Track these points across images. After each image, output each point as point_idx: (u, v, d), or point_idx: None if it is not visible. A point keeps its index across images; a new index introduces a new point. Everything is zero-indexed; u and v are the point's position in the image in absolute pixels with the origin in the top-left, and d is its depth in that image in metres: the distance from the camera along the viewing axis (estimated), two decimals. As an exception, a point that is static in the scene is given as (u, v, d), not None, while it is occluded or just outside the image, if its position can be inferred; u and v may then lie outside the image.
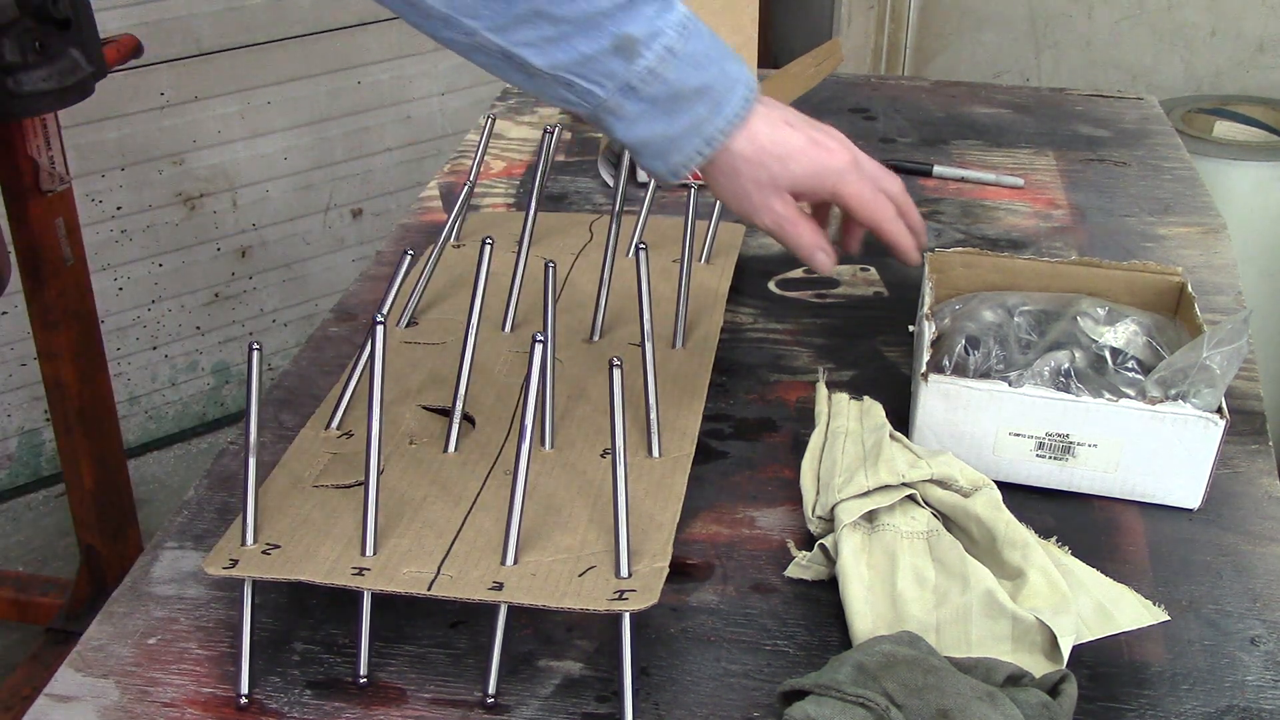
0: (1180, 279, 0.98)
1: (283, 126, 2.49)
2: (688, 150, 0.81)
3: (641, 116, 0.79)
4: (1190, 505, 0.87)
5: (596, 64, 0.77)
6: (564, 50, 0.77)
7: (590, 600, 0.71)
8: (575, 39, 0.76)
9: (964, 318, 0.95)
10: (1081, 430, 0.86)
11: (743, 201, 0.85)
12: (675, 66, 0.78)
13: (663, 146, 0.81)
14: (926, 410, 0.88)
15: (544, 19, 0.75)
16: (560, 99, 0.80)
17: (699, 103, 0.80)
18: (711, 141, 0.81)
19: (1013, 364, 0.91)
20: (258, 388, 0.75)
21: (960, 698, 0.64)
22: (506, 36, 0.76)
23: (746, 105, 0.81)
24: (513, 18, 0.75)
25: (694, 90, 0.79)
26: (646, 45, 0.77)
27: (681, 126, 0.80)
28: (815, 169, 0.84)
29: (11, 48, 1.41)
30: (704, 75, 0.79)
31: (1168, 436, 0.85)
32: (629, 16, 0.76)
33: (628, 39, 0.76)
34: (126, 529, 1.84)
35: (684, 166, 0.82)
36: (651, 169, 0.83)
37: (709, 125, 0.81)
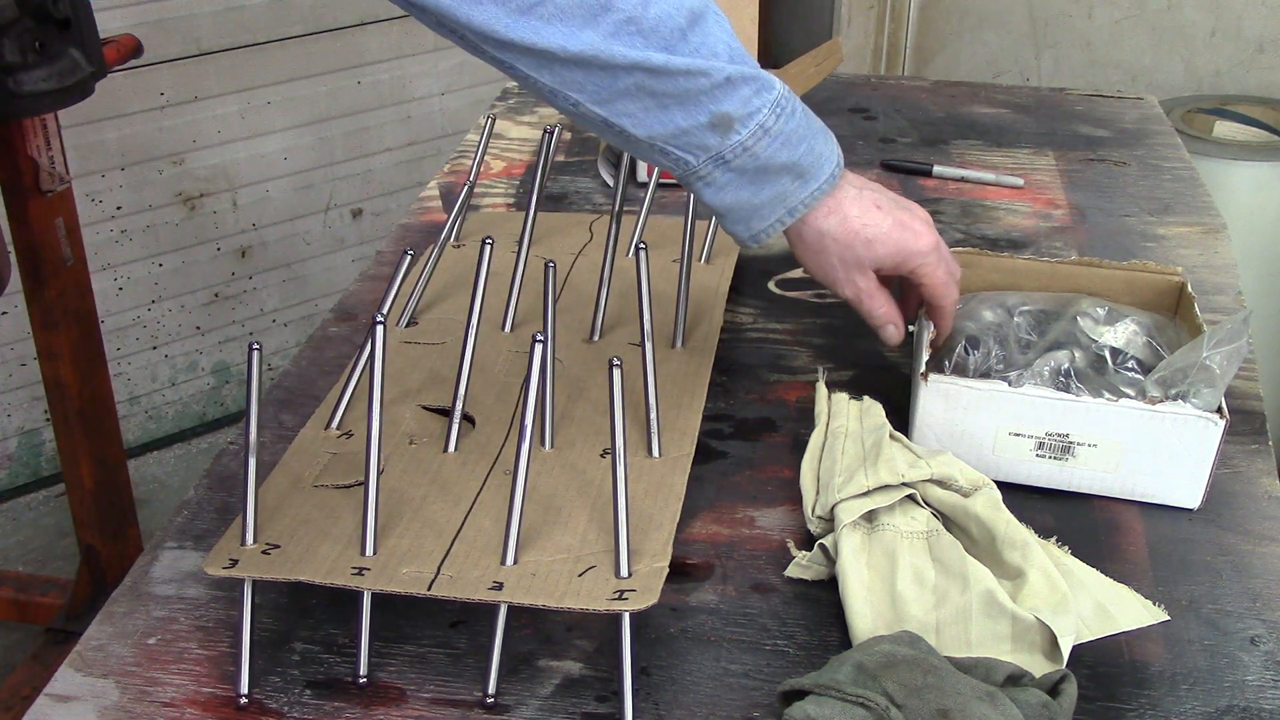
0: (1180, 279, 0.98)
1: (283, 126, 2.49)
2: (770, 219, 0.85)
3: (730, 185, 0.83)
4: (1190, 505, 0.87)
5: (691, 136, 0.81)
6: (661, 124, 0.80)
7: (590, 600, 0.71)
8: (673, 113, 0.80)
9: (964, 318, 0.95)
10: (1081, 430, 0.86)
11: (828, 273, 0.89)
12: (767, 143, 0.81)
13: (747, 213, 0.85)
14: (926, 410, 0.88)
15: (646, 94, 0.79)
16: (654, 162, 0.84)
17: (786, 176, 0.83)
18: (794, 212, 0.85)
19: (1013, 364, 0.91)
20: (258, 388, 0.75)
21: (960, 697, 0.64)
22: (608, 109, 0.80)
23: (832, 181, 0.85)
24: (615, 92, 0.79)
25: (782, 165, 0.83)
26: (742, 123, 0.80)
27: (767, 196, 0.84)
28: (899, 252, 0.87)
29: (11, 48, 1.41)
30: (794, 152, 0.82)
31: (1167, 436, 0.85)
32: (727, 96, 0.79)
33: (724, 116, 0.80)
34: (126, 529, 1.84)
35: (765, 233, 0.86)
36: (734, 233, 0.87)
37: (793, 197, 0.84)
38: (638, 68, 0.77)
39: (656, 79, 0.78)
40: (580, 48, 0.76)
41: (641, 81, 0.78)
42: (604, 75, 0.78)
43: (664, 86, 0.78)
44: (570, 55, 0.76)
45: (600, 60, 0.77)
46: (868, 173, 1.40)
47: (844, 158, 0.86)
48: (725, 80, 0.79)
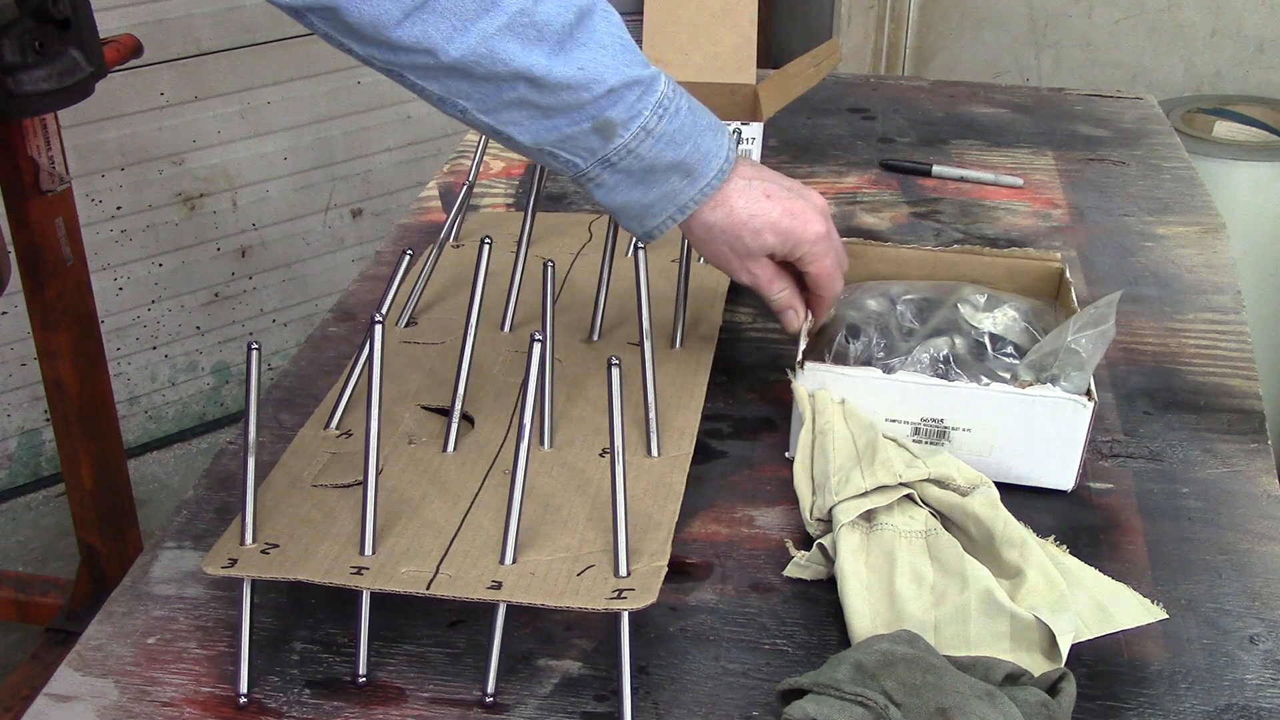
0: (1059, 265, 1.00)
1: (283, 126, 2.49)
2: (662, 216, 0.87)
3: (619, 186, 0.85)
4: (1064, 487, 0.88)
5: (577, 141, 0.83)
6: (546, 130, 0.82)
7: (589, 599, 0.71)
8: (557, 120, 0.82)
9: (847, 306, 0.97)
10: (955, 415, 0.87)
11: (722, 263, 0.91)
12: (650, 145, 0.83)
13: (638, 212, 0.87)
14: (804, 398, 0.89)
15: (530, 105, 0.81)
16: (544, 164, 0.86)
17: (673, 175, 0.85)
18: (684, 209, 0.87)
19: (895, 351, 0.93)
20: (257, 388, 0.75)
21: (959, 696, 0.64)
22: (494, 117, 0.82)
23: (721, 177, 0.86)
24: (500, 103, 0.81)
25: (667, 165, 0.84)
26: (624, 127, 0.82)
27: (656, 195, 0.86)
28: (787, 239, 0.89)
29: (11, 48, 1.41)
30: (678, 152, 0.84)
31: (1039, 420, 0.86)
32: (610, 104, 0.81)
33: (607, 121, 0.81)
34: (126, 529, 1.84)
35: (658, 230, 0.88)
36: (629, 229, 0.89)
37: (683, 195, 0.86)
38: (520, 78, 0.79)
39: (539, 92, 0.79)
40: (462, 51, 0.77)
41: (525, 94, 0.80)
42: (488, 85, 0.79)
43: (547, 100, 0.80)
44: (453, 61, 0.78)
45: (482, 67, 0.78)
46: (866, 173, 1.41)
47: (845, 156, 0.87)
48: (607, 92, 0.80)
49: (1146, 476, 0.91)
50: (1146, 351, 1.07)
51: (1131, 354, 1.06)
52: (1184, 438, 0.95)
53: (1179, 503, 0.88)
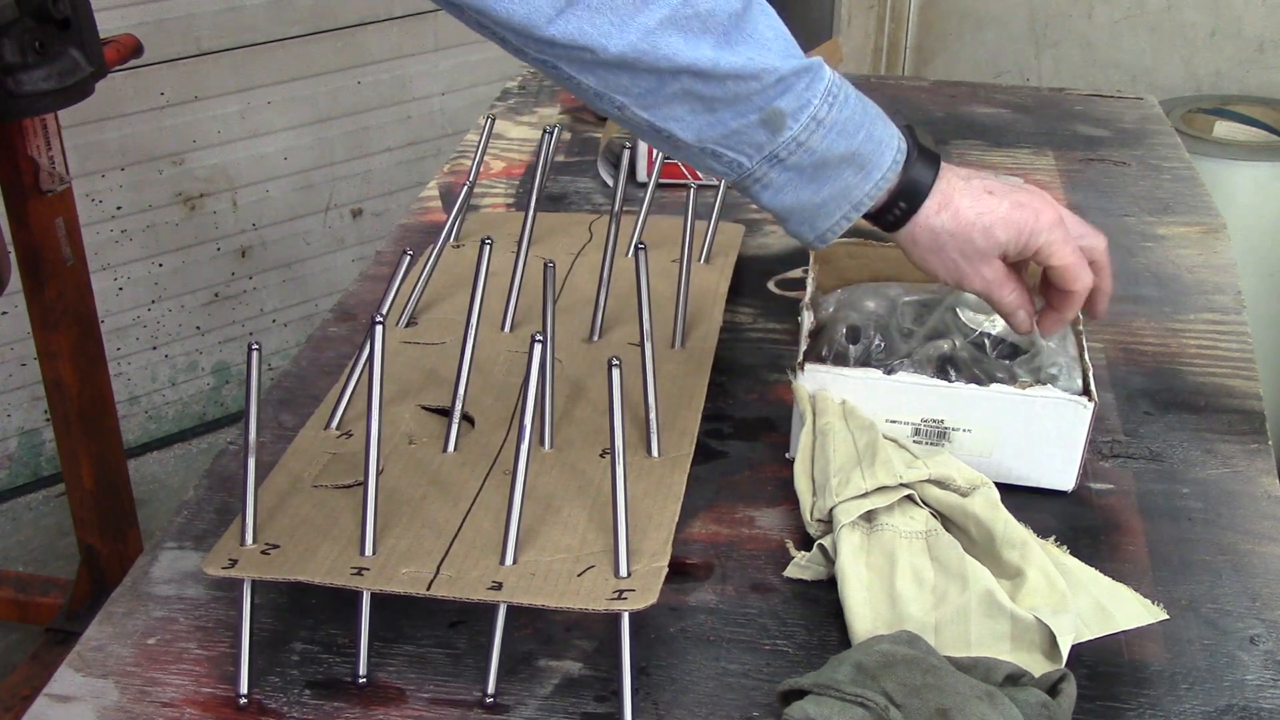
0: None
1: (283, 126, 2.49)
2: (835, 216, 0.81)
3: (788, 185, 0.79)
4: (1065, 488, 0.88)
5: (742, 136, 0.77)
6: (710, 126, 0.77)
7: (589, 600, 0.71)
8: (722, 114, 0.76)
9: (847, 307, 0.96)
10: (955, 415, 0.87)
11: (951, 271, 0.84)
12: (821, 136, 0.77)
13: (809, 213, 0.81)
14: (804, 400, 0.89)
15: (694, 98, 0.76)
16: (706, 167, 0.80)
17: (846, 169, 0.79)
18: (859, 206, 0.80)
19: (894, 352, 0.93)
20: (257, 388, 0.75)
21: (959, 697, 0.64)
22: (655, 113, 0.77)
23: (895, 169, 0.80)
24: (662, 97, 0.76)
25: (840, 158, 0.78)
26: (793, 118, 0.76)
27: (828, 193, 0.80)
28: (1020, 233, 0.82)
29: (11, 48, 1.41)
30: (851, 142, 0.78)
31: (1039, 420, 0.86)
32: (779, 92, 0.76)
33: (775, 112, 0.76)
34: (126, 529, 1.84)
35: (831, 232, 0.82)
36: (798, 235, 0.83)
37: (857, 190, 0.80)
38: (685, 72, 0.74)
39: (705, 83, 0.75)
40: (623, 47, 0.73)
41: (689, 86, 0.75)
42: (650, 78, 0.75)
43: (713, 91, 0.75)
44: (613, 57, 0.73)
45: (645, 62, 0.74)
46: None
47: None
48: (777, 80, 0.75)
49: (1147, 477, 0.91)
50: (1147, 352, 1.07)
51: (1132, 354, 1.06)
52: (1184, 438, 0.95)
53: (1179, 503, 0.88)
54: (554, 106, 1.61)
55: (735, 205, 1.29)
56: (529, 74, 1.72)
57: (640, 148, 1.32)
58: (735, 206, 1.29)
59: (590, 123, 1.54)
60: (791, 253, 1.22)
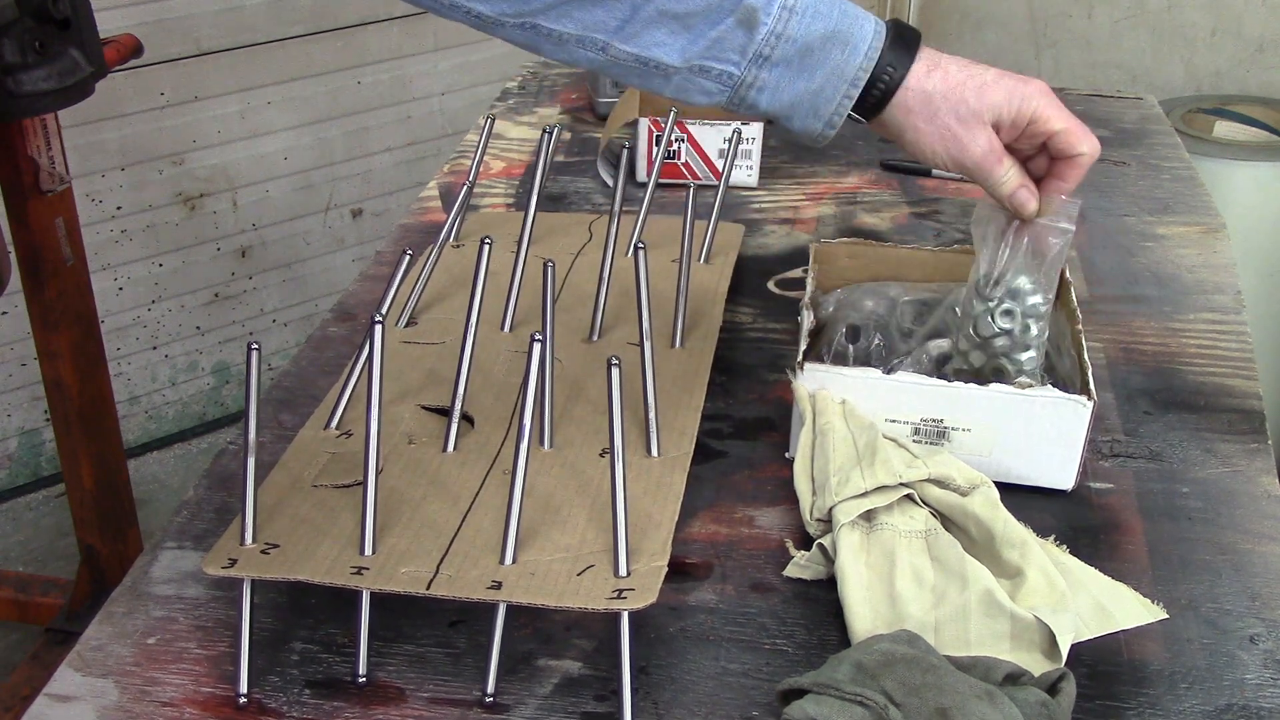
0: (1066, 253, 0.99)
1: (283, 126, 2.49)
2: (835, 98, 0.80)
3: (781, 81, 0.79)
4: (1064, 487, 0.88)
5: (724, 43, 0.78)
6: (692, 41, 0.78)
7: (589, 599, 0.71)
8: (700, 26, 0.77)
9: (846, 307, 0.97)
10: (954, 415, 0.87)
11: (948, 142, 0.82)
12: (796, 21, 0.78)
13: (810, 103, 0.80)
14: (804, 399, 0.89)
15: (669, 18, 0.77)
16: (700, 90, 0.80)
17: (832, 49, 0.79)
18: (856, 82, 0.80)
19: (894, 352, 0.93)
20: (257, 388, 0.75)
21: (959, 696, 0.64)
22: (637, 43, 0.78)
23: (879, 36, 0.80)
24: (640, 23, 0.77)
25: (822, 39, 0.78)
26: (765, 11, 0.77)
27: (822, 78, 0.80)
28: (1013, 94, 0.81)
29: (11, 48, 1.41)
30: (827, 22, 0.78)
31: (1038, 419, 0.86)
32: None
33: (748, 9, 0.77)
34: (126, 529, 1.84)
35: (837, 115, 0.81)
36: (806, 129, 0.82)
37: (848, 67, 0.80)
38: None
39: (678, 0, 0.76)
40: None
41: (662, 4, 0.76)
42: (623, 6, 0.76)
43: (685, 5, 0.76)
44: None
45: None
46: (867, 173, 1.40)
47: (846, 156, 0.83)
48: None
49: (1146, 476, 0.91)
50: (1147, 351, 1.07)
51: (1132, 354, 1.06)
52: (1184, 438, 0.95)
53: (1179, 503, 0.88)
54: (554, 106, 1.61)
55: (735, 205, 1.29)
56: (529, 74, 1.72)
57: (640, 148, 1.32)
58: (735, 206, 1.29)
59: (590, 123, 1.54)
60: (791, 252, 1.23)
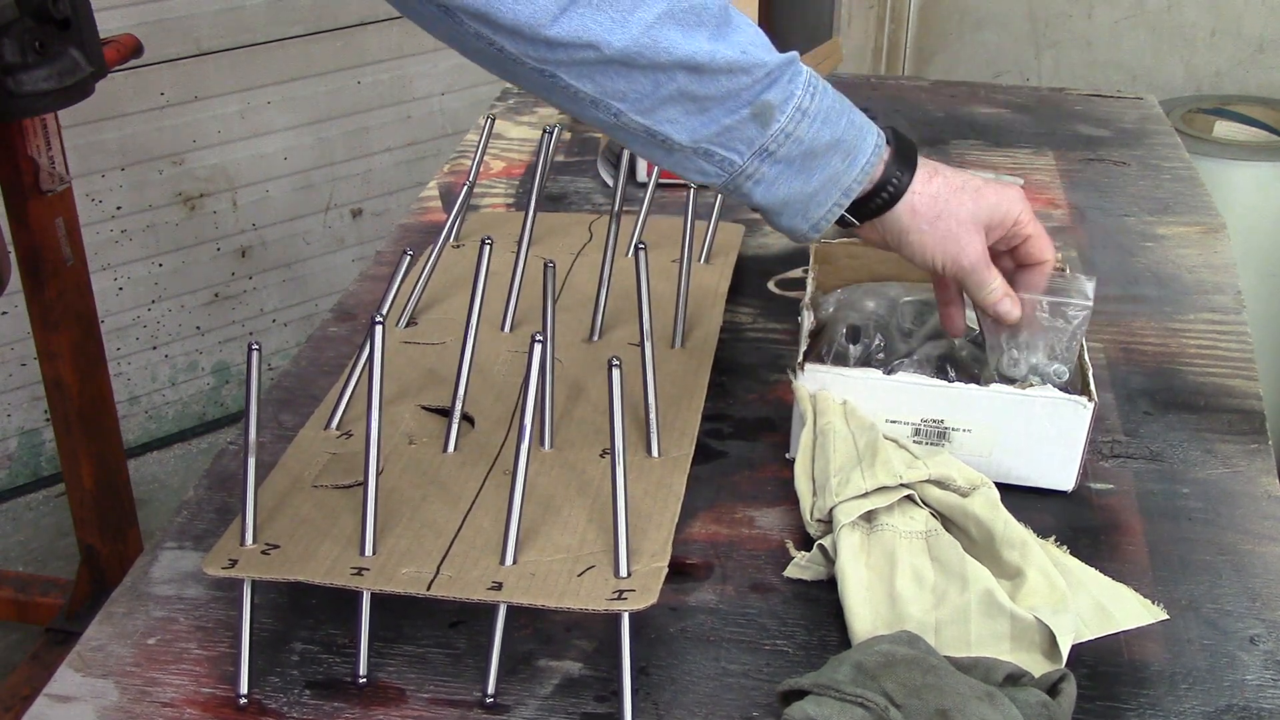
0: (1060, 264, 0.99)
1: (283, 126, 2.49)
2: (827, 204, 0.82)
3: (780, 178, 0.81)
4: (1064, 488, 0.88)
5: (735, 132, 0.79)
6: (704, 125, 0.78)
7: (589, 600, 0.71)
8: (715, 112, 0.78)
9: (846, 308, 0.97)
10: (955, 415, 0.87)
11: (949, 244, 0.84)
12: (807, 125, 0.79)
13: (802, 204, 0.82)
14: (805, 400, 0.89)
15: (688, 99, 0.77)
16: (697, 170, 0.81)
17: (834, 157, 0.81)
18: (848, 192, 0.82)
19: (894, 352, 0.93)
20: (257, 388, 0.75)
21: (959, 697, 0.64)
22: (651, 117, 0.78)
23: (878, 152, 0.82)
24: (658, 100, 0.77)
25: (826, 145, 0.80)
26: (780, 110, 0.78)
27: (818, 182, 0.81)
28: (1000, 199, 0.85)
29: (11, 48, 1.41)
30: (835, 130, 0.80)
31: (1038, 420, 0.86)
32: (767, 85, 0.78)
33: (765, 105, 0.78)
34: (126, 529, 1.84)
35: (824, 221, 0.83)
36: (792, 228, 0.84)
37: (845, 177, 0.81)
38: (681, 67, 0.75)
39: (699, 81, 0.76)
40: (625, 42, 0.74)
41: (684, 86, 0.76)
42: (647, 80, 0.76)
43: (707, 89, 0.77)
44: (617, 53, 0.74)
45: (645, 57, 0.75)
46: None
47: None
48: (766, 74, 0.77)
49: (1147, 477, 0.91)
50: (1147, 351, 1.07)
51: (1132, 354, 1.06)
52: (1184, 438, 0.95)
53: (1179, 503, 0.88)
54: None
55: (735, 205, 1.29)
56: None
57: (640, 148, 1.31)
58: (735, 206, 1.29)
59: (590, 123, 1.54)
60: (791, 253, 1.22)
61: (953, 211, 0.84)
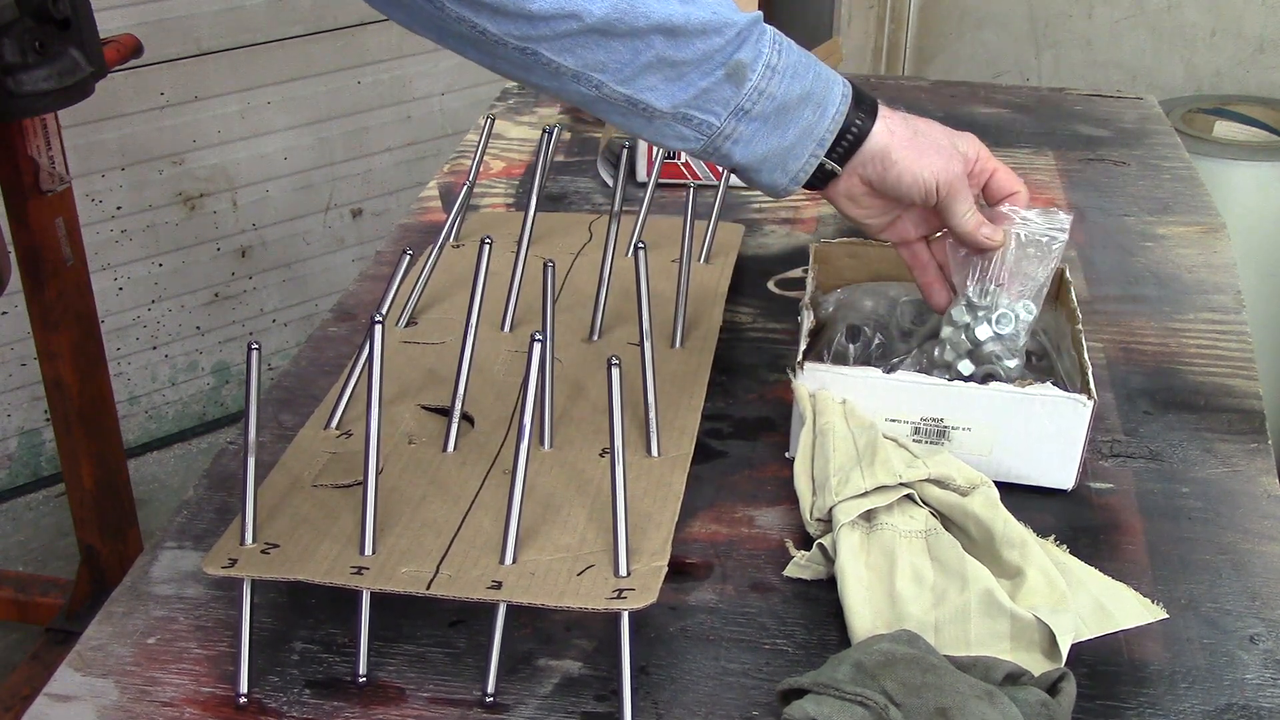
0: (1060, 265, 0.99)
1: (283, 126, 2.49)
2: (804, 156, 0.84)
3: (756, 135, 0.82)
4: (1064, 487, 0.88)
5: (711, 94, 0.80)
6: (683, 89, 0.80)
7: (589, 599, 0.71)
8: (691, 75, 0.80)
9: (846, 307, 0.96)
10: (954, 414, 0.87)
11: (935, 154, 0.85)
12: (778, 81, 0.81)
13: (780, 158, 0.84)
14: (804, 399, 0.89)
15: (665, 65, 0.79)
16: (677, 136, 0.82)
17: (805, 109, 0.83)
18: (822, 142, 0.84)
19: (894, 352, 0.93)
20: (257, 388, 0.75)
21: (959, 696, 0.64)
22: (631, 86, 0.79)
23: (845, 100, 0.83)
24: (637, 68, 0.79)
25: (798, 98, 0.82)
26: (751, 68, 0.80)
27: (794, 135, 0.83)
28: (961, 135, 0.88)
29: (11, 48, 1.41)
30: (803, 82, 0.82)
31: (1038, 418, 0.86)
32: (738, 44, 0.79)
33: (737, 65, 0.80)
34: (126, 529, 1.84)
35: (804, 172, 0.85)
36: (772, 183, 0.85)
37: (818, 127, 0.83)
38: (658, 30, 0.77)
39: (675, 44, 0.77)
40: (605, 9, 0.75)
41: (661, 51, 0.78)
42: (626, 49, 0.77)
43: (683, 54, 0.78)
44: (598, 21, 0.75)
45: (624, 24, 0.76)
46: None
47: None
48: (736, 34, 0.79)
49: (1146, 476, 0.91)
50: (1147, 351, 1.07)
51: (1132, 354, 1.06)
52: (1184, 438, 0.95)
53: (1179, 503, 0.88)
54: (554, 106, 1.61)
55: (735, 205, 1.29)
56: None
57: (640, 147, 1.32)
58: (735, 206, 1.29)
59: (590, 123, 1.54)
60: (791, 252, 1.23)
61: (926, 131, 0.86)
